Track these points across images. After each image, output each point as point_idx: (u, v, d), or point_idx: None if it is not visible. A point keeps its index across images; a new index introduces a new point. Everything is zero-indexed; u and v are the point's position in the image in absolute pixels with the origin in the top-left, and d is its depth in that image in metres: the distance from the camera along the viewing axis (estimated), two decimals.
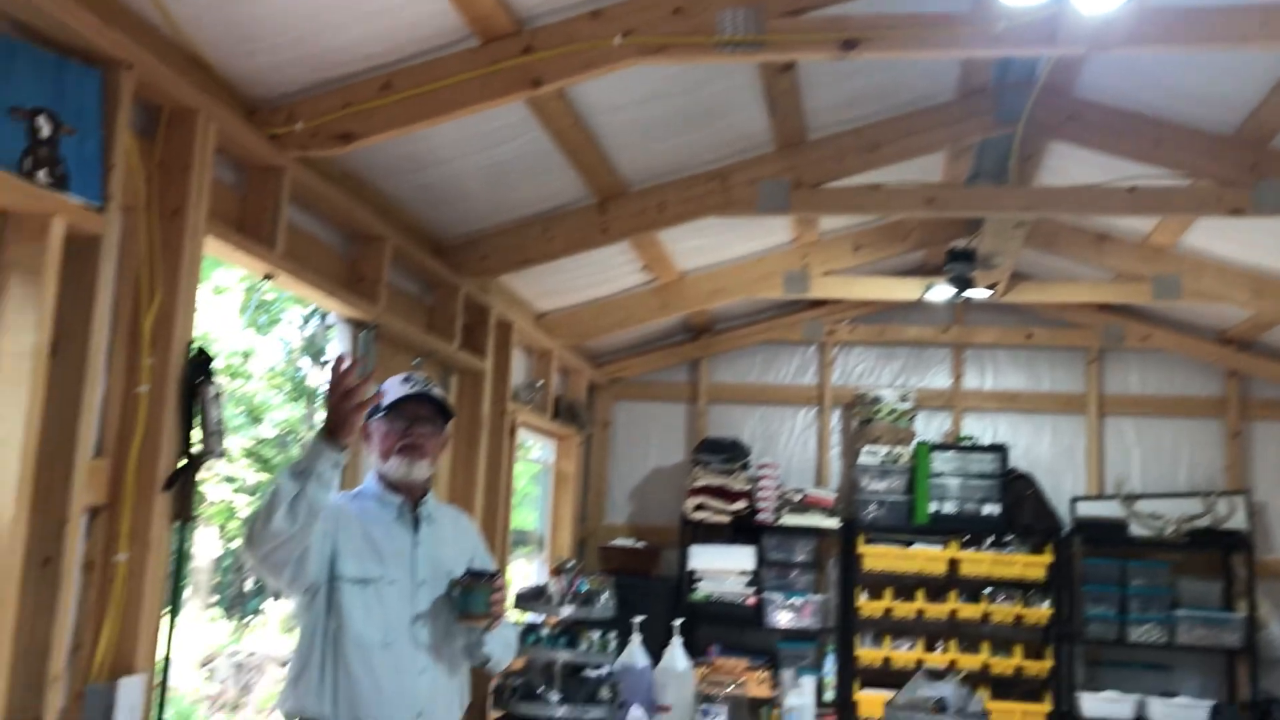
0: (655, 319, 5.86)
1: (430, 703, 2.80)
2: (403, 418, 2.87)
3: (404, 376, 2.98)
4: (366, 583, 2.76)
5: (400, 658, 2.76)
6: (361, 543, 2.80)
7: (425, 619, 2.82)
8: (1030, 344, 6.51)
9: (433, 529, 2.95)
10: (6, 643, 2.19)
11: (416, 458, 2.87)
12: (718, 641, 6.23)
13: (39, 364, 2.26)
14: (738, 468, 6.26)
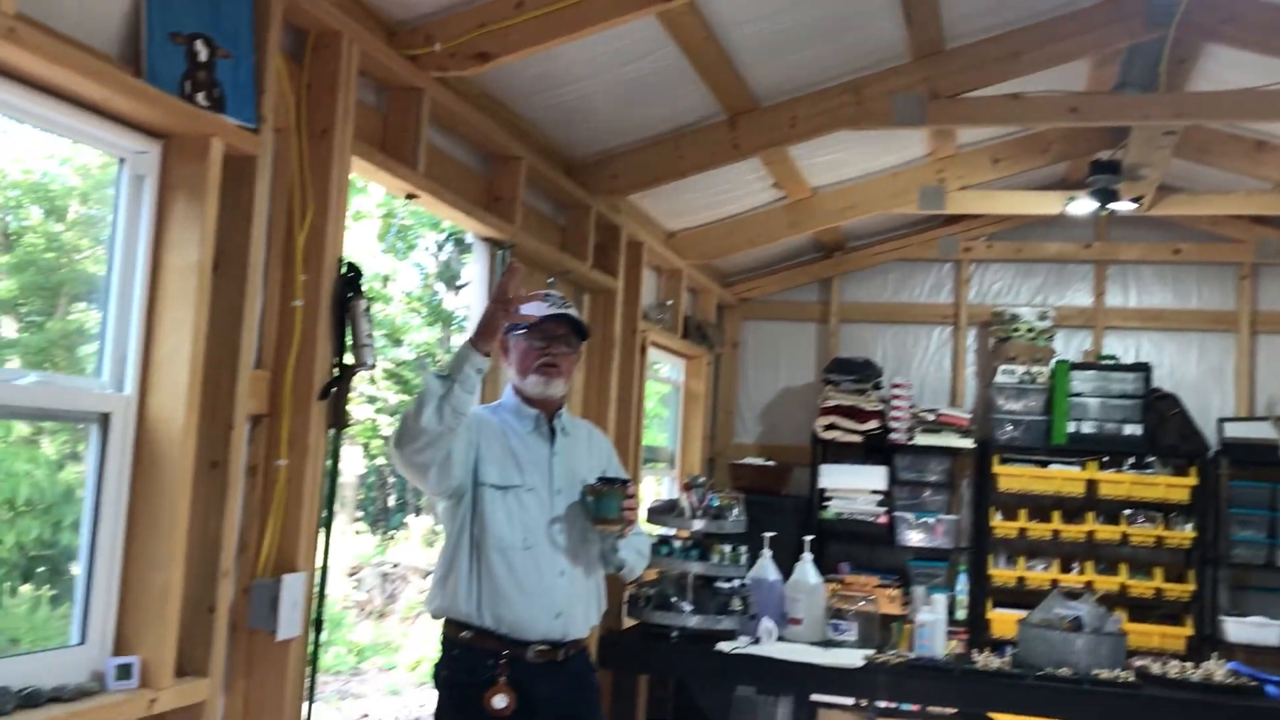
0: (785, 237, 5.83)
1: (569, 604, 2.93)
2: (542, 336, 2.97)
3: (543, 295, 3.04)
4: (507, 489, 2.90)
5: (540, 560, 2.89)
6: (502, 452, 2.93)
7: (562, 524, 2.96)
8: (1178, 260, 6.26)
9: (568, 441, 3.08)
10: (182, 537, 2.36)
11: (554, 376, 2.98)
12: (848, 560, 6.27)
13: (203, 279, 2.40)
14: (869, 387, 6.23)
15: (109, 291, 2.37)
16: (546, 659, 2.91)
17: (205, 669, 2.43)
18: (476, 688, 2.85)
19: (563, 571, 2.94)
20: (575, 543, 2.99)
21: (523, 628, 2.88)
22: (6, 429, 6.00)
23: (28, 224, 10.59)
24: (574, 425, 3.19)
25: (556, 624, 2.92)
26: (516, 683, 2.86)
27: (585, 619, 3.04)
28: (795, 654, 4.48)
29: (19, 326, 10.30)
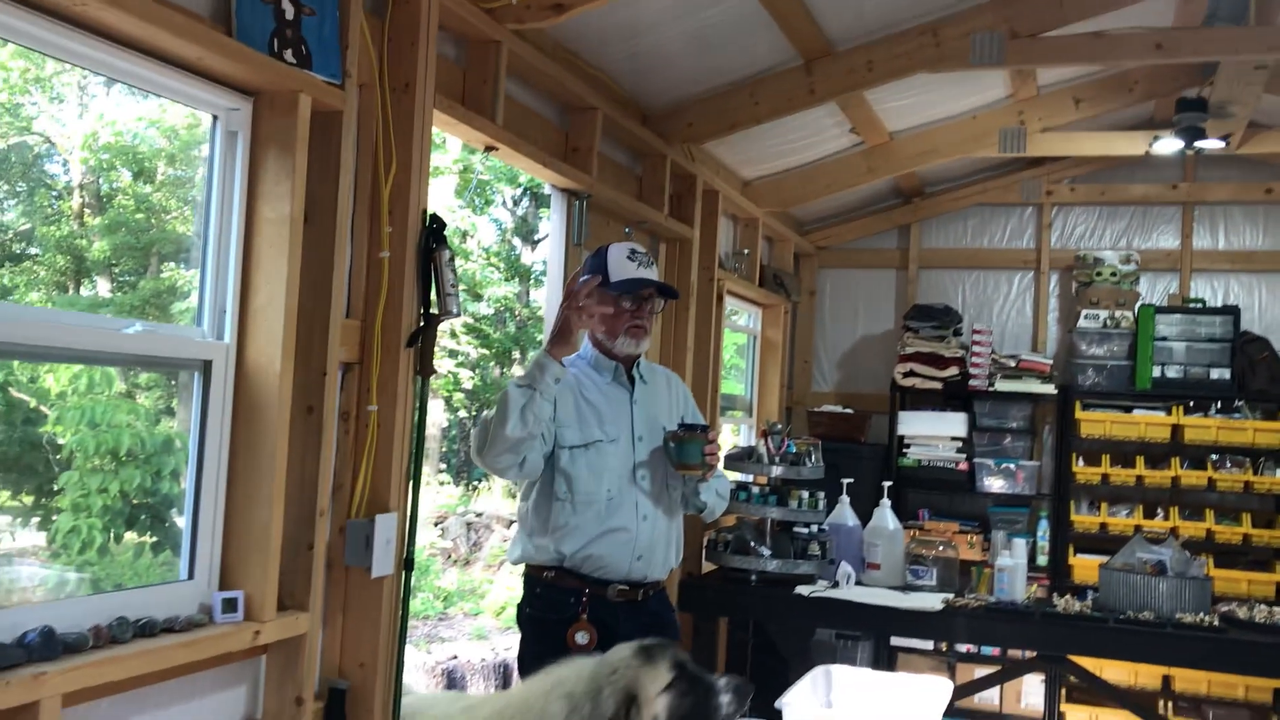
0: (863, 183, 5.79)
1: (649, 547, 3.08)
2: (633, 298, 3.09)
3: (628, 252, 3.11)
4: (588, 445, 3.04)
5: (623, 506, 3.04)
6: (580, 408, 3.06)
7: (645, 470, 3.09)
8: (1269, 199, 6.09)
9: (647, 389, 3.20)
10: (281, 478, 2.47)
11: (643, 337, 3.13)
12: (927, 507, 6.27)
13: (295, 231, 2.49)
14: (949, 334, 6.19)
15: (206, 244, 2.47)
16: (626, 599, 3.06)
17: (305, 603, 2.55)
18: (559, 624, 3.00)
19: (645, 516, 3.07)
20: (657, 488, 3.11)
21: (605, 569, 3.03)
22: (108, 382, 6.27)
23: (118, 186, 10.88)
24: (652, 373, 3.29)
25: (638, 565, 3.06)
26: (597, 620, 3.00)
27: (665, 562, 3.16)
28: (874, 598, 4.52)
29: (112, 286, 10.65)
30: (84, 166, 10.31)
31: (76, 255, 10.13)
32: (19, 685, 1.86)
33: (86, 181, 10.46)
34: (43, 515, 6.40)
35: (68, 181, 10.45)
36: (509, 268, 16.73)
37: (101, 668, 2.02)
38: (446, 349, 15.67)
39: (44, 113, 9.62)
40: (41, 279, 9.84)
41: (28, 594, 5.16)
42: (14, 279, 9.27)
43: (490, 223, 17.46)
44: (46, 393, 6.60)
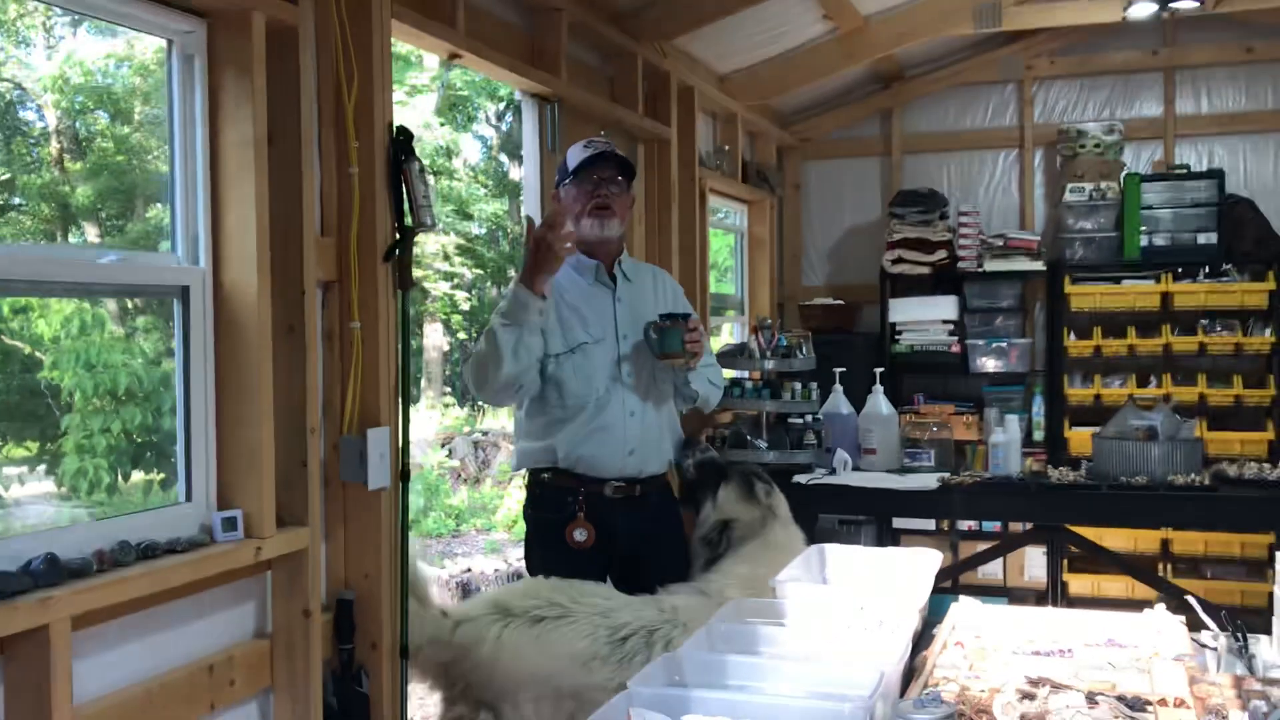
0: (840, 70, 5.73)
1: (641, 441, 3.13)
2: (589, 181, 3.09)
3: (584, 142, 3.14)
4: (574, 350, 3.08)
5: (610, 405, 3.08)
6: (564, 314, 3.09)
7: (631, 367, 3.13)
8: (1251, 59, 6.03)
9: (631, 286, 3.21)
10: (268, 397, 2.51)
11: (607, 217, 3.10)
12: (923, 391, 6.33)
13: (260, 152, 2.49)
14: (936, 218, 6.18)
15: (174, 170, 2.47)
16: (624, 494, 3.13)
17: (304, 519, 2.61)
18: (559, 524, 3.09)
19: (633, 412, 3.11)
20: (644, 383, 3.15)
21: (598, 466, 3.09)
22: (100, 324, 6.30)
23: (96, 129, 10.77)
24: (637, 270, 3.30)
25: (630, 461, 3.12)
26: (595, 518, 3.08)
27: (660, 455, 3.21)
28: (870, 481, 4.59)
29: (100, 231, 10.60)
30: (58, 111, 10.20)
31: (60, 202, 10.08)
32: (27, 610, 1.91)
33: (63, 126, 10.35)
34: (50, 460, 6.48)
35: (44, 127, 10.35)
36: (497, 184, 16.61)
37: (106, 590, 2.08)
38: (440, 271, 15.65)
39: (11, 57, 9.49)
40: (28, 228, 9.80)
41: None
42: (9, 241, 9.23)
43: (475, 140, 17.30)
44: (40, 338, 6.63)
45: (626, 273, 3.23)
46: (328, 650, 2.78)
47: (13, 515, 5.31)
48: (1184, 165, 6.03)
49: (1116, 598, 5.71)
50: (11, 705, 1.97)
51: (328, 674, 2.78)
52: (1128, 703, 1.75)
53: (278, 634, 2.62)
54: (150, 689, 2.27)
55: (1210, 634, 2.27)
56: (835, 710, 1.73)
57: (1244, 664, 2.16)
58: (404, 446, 3.00)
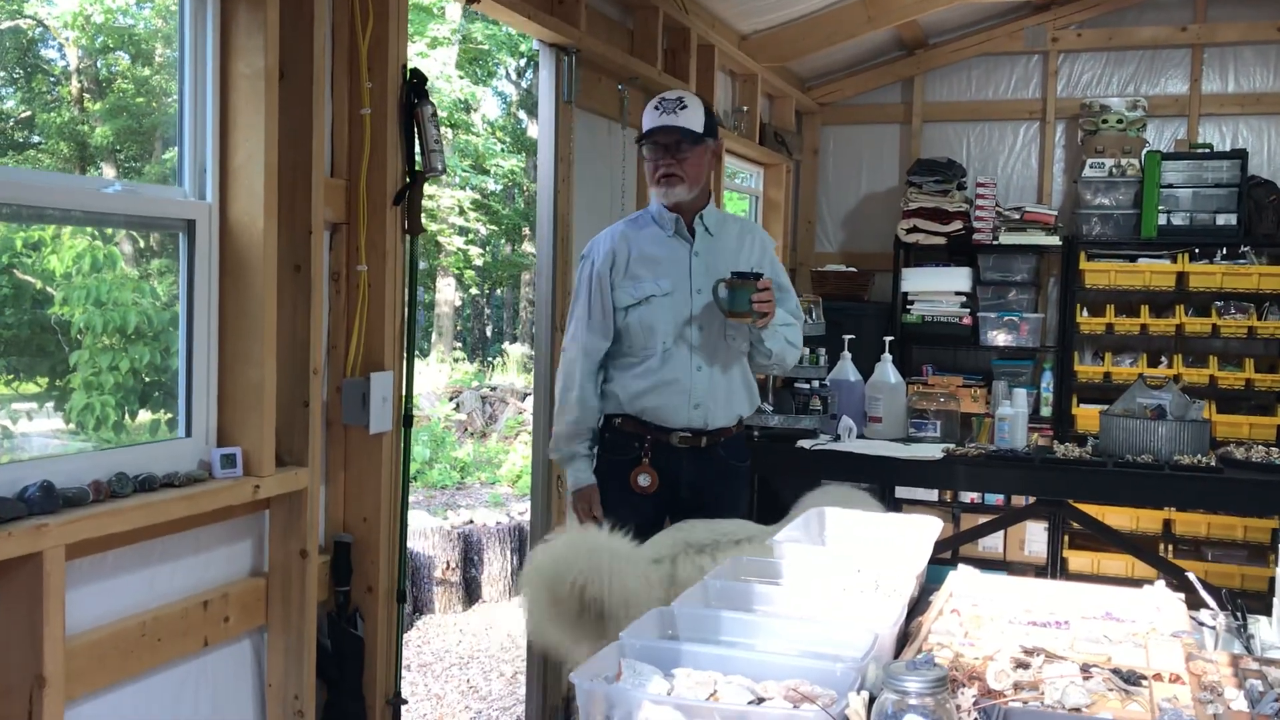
0: (863, 33, 5.65)
1: (707, 395, 3.15)
2: (653, 149, 3.09)
3: (656, 101, 3.10)
4: (640, 302, 3.12)
5: (676, 358, 3.12)
6: (634, 266, 3.13)
7: (701, 322, 3.12)
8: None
9: (713, 240, 3.18)
10: (271, 336, 2.49)
11: (672, 184, 3.09)
12: (932, 363, 6.30)
13: (271, 86, 2.46)
14: (953, 188, 6.12)
15: (183, 102, 2.45)
16: (690, 445, 3.17)
17: (304, 459, 2.60)
18: (625, 465, 3.17)
19: (700, 367, 3.13)
20: (714, 338, 3.14)
21: (664, 417, 3.14)
22: (111, 263, 6.29)
23: (117, 70, 10.73)
24: (723, 224, 3.26)
25: (695, 414, 3.14)
26: (660, 465, 3.15)
27: (728, 410, 3.21)
28: (875, 449, 4.57)
29: (117, 172, 10.59)
30: (79, 50, 10.14)
31: (79, 141, 10.05)
32: (21, 536, 1.91)
33: (84, 66, 10.31)
34: (58, 396, 6.50)
35: (65, 66, 10.30)
36: (515, 140, 16.52)
37: (101, 520, 2.08)
38: (455, 226, 15.60)
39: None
40: (46, 166, 9.78)
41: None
42: (18, 166, 9.22)
43: (494, 95, 17.20)
44: (52, 274, 6.64)
45: (709, 226, 3.20)
46: (324, 592, 2.79)
47: (19, 449, 5.33)
48: (1207, 144, 5.95)
49: (1116, 575, 5.70)
50: (4, 632, 1.98)
51: (323, 615, 2.79)
52: (1123, 676, 1.73)
53: (274, 573, 2.62)
54: (144, 621, 2.28)
55: (1210, 612, 2.25)
56: (827, 670, 1.72)
57: (1242, 643, 2.14)
58: (407, 392, 2.99)
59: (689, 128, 3.06)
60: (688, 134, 3.05)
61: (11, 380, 6.45)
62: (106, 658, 2.17)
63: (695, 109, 3.08)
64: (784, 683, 1.68)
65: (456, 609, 6.27)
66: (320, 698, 2.77)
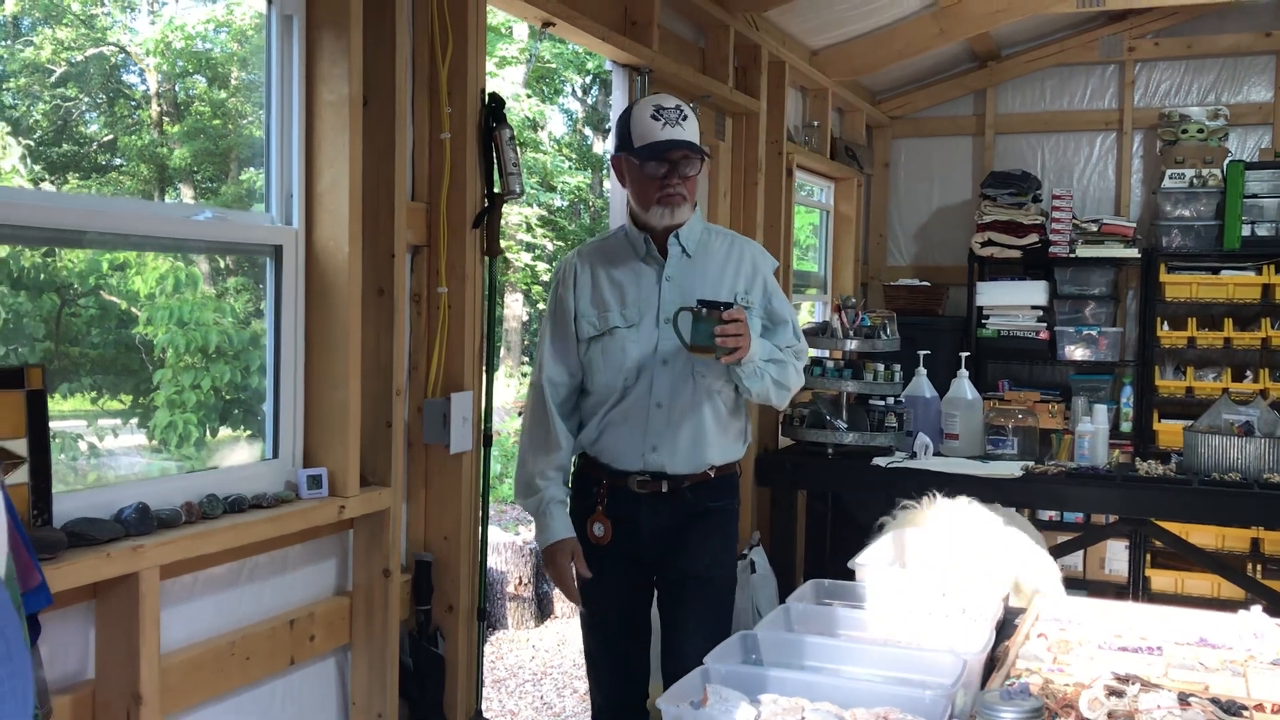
0: (935, 47, 5.60)
1: (665, 437, 2.74)
2: (660, 162, 2.67)
3: (652, 110, 2.67)
4: (602, 335, 2.74)
5: (635, 395, 2.73)
6: (602, 293, 2.75)
7: (668, 355, 2.72)
8: None
9: (689, 262, 2.76)
10: (356, 358, 2.53)
11: (679, 204, 2.70)
12: (1008, 377, 6.21)
13: (355, 112, 2.51)
14: (1028, 200, 6.04)
15: (270, 130, 2.50)
16: (650, 490, 2.77)
17: (387, 479, 2.64)
18: (581, 513, 2.81)
19: (659, 404, 2.73)
20: (681, 373, 2.73)
21: (618, 459, 2.77)
22: (193, 282, 6.44)
23: (194, 93, 10.99)
24: (706, 242, 2.82)
25: (653, 457, 2.74)
26: (617, 512, 2.77)
27: (692, 455, 2.77)
28: (951, 467, 4.51)
29: (195, 193, 10.84)
30: (159, 75, 10.41)
31: (159, 163, 10.32)
32: (118, 557, 1.96)
33: (164, 90, 10.58)
34: (141, 413, 6.66)
35: (145, 90, 10.59)
36: (581, 157, 16.63)
37: (195, 541, 2.12)
38: (523, 242, 15.73)
39: (117, 23, 9.70)
40: (127, 188, 10.05)
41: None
42: (101, 189, 9.48)
43: (560, 112, 17.33)
44: (136, 294, 6.80)
45: (686, 246, 2.76)
46: (405, 611, 2.82)
47: (105, 465, 5.48)
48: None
49: (1201, 596, 5.56)
50: (103, 649, 2.03)
51: (404, 634, 2.82)
52: (1222, 706, 1.69)
53: (357, 592, 2.66)
54: (233, 640, 2.32)
55: None
56: (915, 696, 1.70)
57: None
58: (486, 411, 3.02)
59: (696, 142, 2.70)
60: (697, 150, 2.69)
61: (98, 398, 6.63)
62: (198, 676, 2.22)
63: (693, 120, 2.72)
64: (873, 710, 1.67)
65: (529, 624, 6.29)
66: (403, 716, 2.80)
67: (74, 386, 6.05)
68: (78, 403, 5.97)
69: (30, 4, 8.30)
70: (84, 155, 9.69)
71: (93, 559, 1.91)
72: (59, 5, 8.59)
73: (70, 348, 6.58)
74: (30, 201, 2.07)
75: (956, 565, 2.60)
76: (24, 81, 8.52)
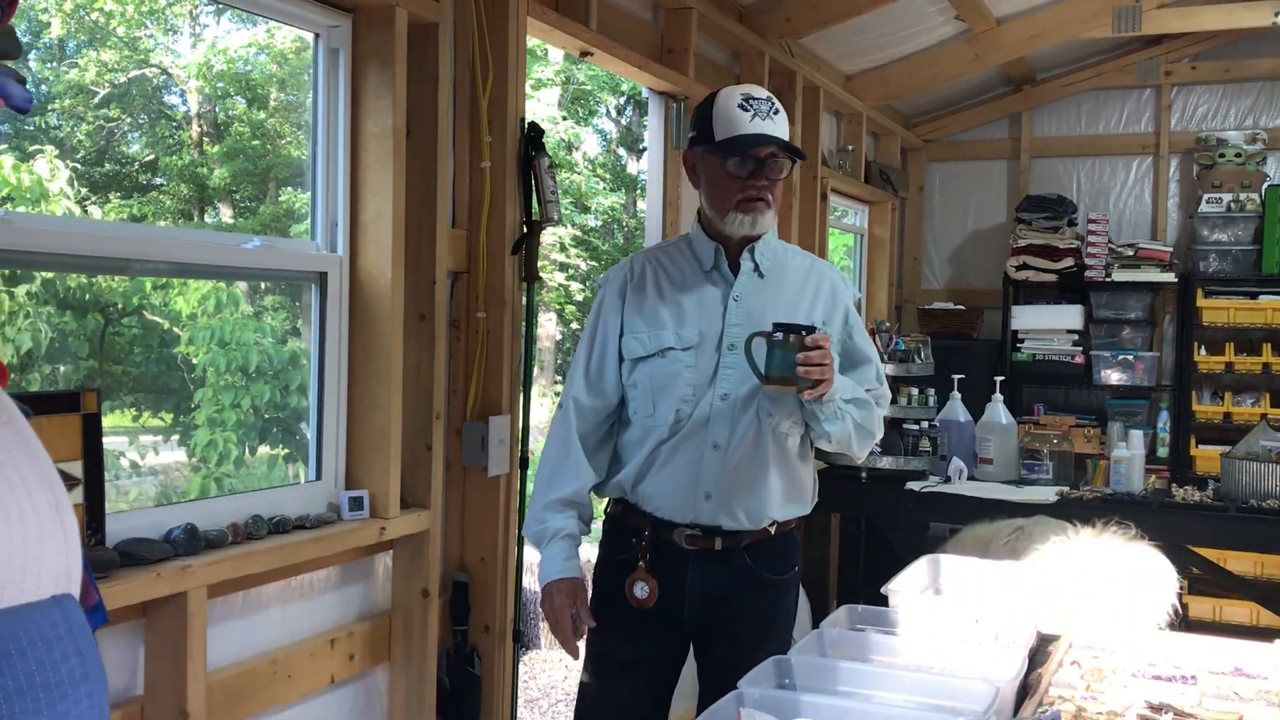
0: (969, 72, 5.62)
1: (723, 485, 2.33)
2: (746, 159, 2.30)
3: (740, 99, 2.32)
4: (651, 356, 2.36)
5: (690, 433, 2.33)
6: (657, 307, 2.38)
7: (731, 387, 2.33)
8: None
9: (762, 282, 2.39)
10: (398, 382, 2.59)
11: (762, 211, 2.33)
12: (1043, 401, 6.19)
13: (398, 144, 2.57)
14: (1063, 225, 6.03)
15: (315, 160, 2.56)
16: (699, 547, 2.37)
17: (427, 501, 2.69)
18: (619, 570, 2.41)
19: (717, 444, 2.32)
20: (745, 410, 2.33)
21: (666, 508, 2.37)
22: (234, 302, 6.55)
23: (234, 114, 11.20)
24: (782, 261, 2.44)
25: (706, 506, 2.34)
26: (662, 571, 2.37)
27: (754, 508, 2.36)
28: (986, 492, 4.51)
29: (234, 212, 11.02)
30: (200, 96, 10.59)
31: (198, 183, 10.49)
32: (169, 576, 2.01)
33: (204, 110, 10.75)
34: (181, 431, 6.77)
35: (186, 111, 10.76)
36: (615, 178, 16.73)
37: (241, 561, 2.18)
38: (556, 262, 15.83)
39: (160, 44, 9.90)
40: (167, 207, 10.24)
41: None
42: (142, 208, 9.65)
43: (594, 133, 17.45)
44: (178, 315, 6.92)
45: (760, 262, 2.39)
46: (442, 631, 2.86)
47: (147, 483, 5.59)
48: None
49: (1240, 624, 5.51)
50: (151, 667, 2.08)
51: (441, 654, 2.86)
52: None
53: (396, 612, 2.70)
54: (276, 659, 2.37)
55: None
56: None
57: None
58: (524, 434, 3.06)
59: (788, 140, 2.35)
60: (791, 150, 2.32)
61: (139, 415, 6.74)
62: (242, 693, 2.27)
63: (785, 116, 2.37)
64: None
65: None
66: None
67: (116, 404, 6.17)
68: (119, 419, 6.08)
69: (76, 27, 8.48)
70: (126, 175, 9.86)
71: (143, 578, 1.97)
72: (103, 28, 8.76)
73: (113, 366, 6.71)
74: (86, 230, 2.15)
75: (989, 592, 2.61)
76: (68, 103, 8.70)
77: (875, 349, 2.51)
